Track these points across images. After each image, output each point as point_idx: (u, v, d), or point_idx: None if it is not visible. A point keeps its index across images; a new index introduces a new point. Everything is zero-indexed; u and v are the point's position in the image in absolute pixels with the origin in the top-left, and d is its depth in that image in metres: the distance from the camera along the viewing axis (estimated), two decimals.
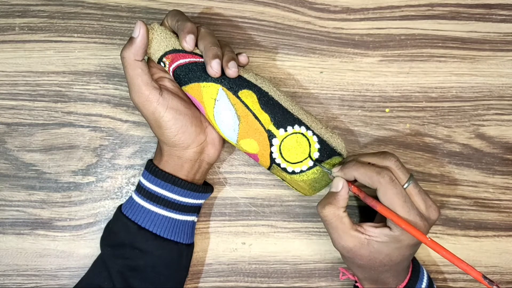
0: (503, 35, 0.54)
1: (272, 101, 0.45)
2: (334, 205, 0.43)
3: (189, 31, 0.43)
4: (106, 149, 0.53)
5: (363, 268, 0.45)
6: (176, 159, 0.46)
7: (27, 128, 0.52)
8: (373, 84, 0.54)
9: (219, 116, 0.45)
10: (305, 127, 0.45)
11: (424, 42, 0.54)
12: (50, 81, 0.52)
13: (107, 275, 0.46)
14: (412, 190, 0.42)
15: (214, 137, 0.48)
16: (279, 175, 0.48)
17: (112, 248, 0.47)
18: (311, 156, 0.46)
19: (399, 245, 0.42)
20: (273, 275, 0.54)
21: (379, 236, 0.42)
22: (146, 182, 0.47)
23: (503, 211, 0.55)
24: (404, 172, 0.42)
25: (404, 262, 0.45)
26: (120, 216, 0.47)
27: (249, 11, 0.53)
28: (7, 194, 0.52)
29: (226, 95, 0.44)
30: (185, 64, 0.44)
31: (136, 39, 0.43)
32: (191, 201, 0.48)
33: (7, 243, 0.52)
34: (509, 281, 0.55)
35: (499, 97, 0.54)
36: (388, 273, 0.45)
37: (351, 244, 0.43)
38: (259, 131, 0.45)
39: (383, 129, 0.54)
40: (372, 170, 0.42)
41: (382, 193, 0.41)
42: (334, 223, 0.43)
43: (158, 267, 0.46)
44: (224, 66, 0.43)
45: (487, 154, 0.55)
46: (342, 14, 0.54)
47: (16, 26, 0.52)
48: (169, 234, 0.47)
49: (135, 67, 0.44)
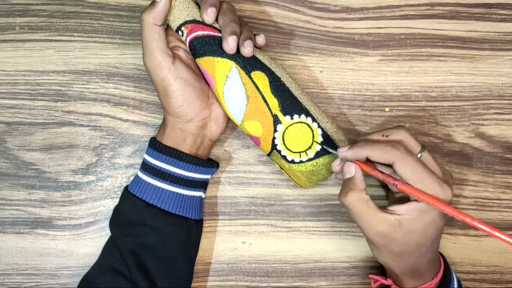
0: (502, 34, 0.54)
1: (283, 87, 0.45)
2: (355, 189, 0.42)
3: (212, 4, 0.44)
4: (106, 148, 0.53)
5: (400, 256, 0.43)
6: (179, 131, 0.47)
7: (27, 127, 0.52)
8: (373, 84, 0.54)
9: (228, 93, 0.45)
10: (311, 118, 0.45)
11: (424, 41, 0.54)
12: (50, 80, 0.52)
13: (118, 256, 0.46)
14: (427, 158, 0.42)
15: (218, 114, 0.48)
16: (278, 163, 0.48)
17: (121, 227, 0.47)
18: (312, 148, 0.46)
19: (431, 216, 0.41)
20: (273, 274, 0.54)
21: (408, 212, 0.41)
22: (150, 159, 0.47)
23: (503, 211, 0.55)
24: (416, 143, 0.42)
25: (437, 239, 0.44)
26: (127, 195, 0.47)
27: (249, 10, 0.53)
28: (7, 193, 0.52)
29: (239, 74, 0.44)
30: (202, 37, 0.44)
31: (159, 4, 0.43)
32: (197, 175, 0.48)
33: (7, 242, 0.52)
34: (509, 280, 0.55)
35: (499, 96, 0.55)
36: (425, 257, 0.43)
37: (384, 228, 0.41)
38: (265, 114, 0.45)
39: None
40: (386, 144, 0.41)
41: (400, 165, 0.40)
42: (361, 209, 0.42)
43: (168, 243, 0.46)
44: (240, 44, 0.43)
45: (487, 154, 0.55)
46: (342, 13, 0.54)
47: (16, 25, 0.52)
48: (177, 210, 0.47)
49: (153, 31, 0.44)
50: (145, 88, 0.53)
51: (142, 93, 0.53)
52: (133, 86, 0.53)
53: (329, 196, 0.54)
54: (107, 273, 0.46)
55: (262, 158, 0.54)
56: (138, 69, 0.53)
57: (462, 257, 0.55)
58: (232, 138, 0.54)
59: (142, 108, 0.53)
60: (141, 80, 0.53)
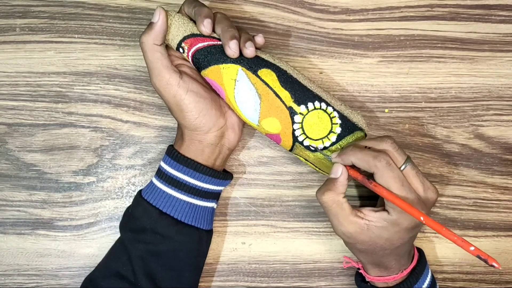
0: (502, 35, 0.55)
1: (291, 79, 0.46)
2: (334, 191, 0.44)
3: (206, 16, 0.44)
4: (107, 150, 0.53)
5: (365, 253, 0.45)
6: (197, 143, 0.47)
7: (28, 128, 0.53)
8: (373, 85, 0.54)
9: (240, 96, 0.45)
10: (325, 103, 0.46)
11: (423, 42, 0.54)
12: (51, 82, 0.53)
13: (126, 260, 0.46)
14: (409, 172, 0.43)
15: (233, 121, 0.49)
16: (302, 155, 0.48)
17: (133, 232, 0.47)
18: (333, 131, 0.46)
19: (398, 228, 0.43)
20: (273, 274, 0.54)
21: (378, 220, 0.43)
22: (167, 167, 0.47)
23: (502, 211, 0.55)
24: (401, 154, 0.43)
25: (404, 246, 0.45)
26: (141, 201, 0.47)
27: (249, 12, 0.53)
28: (8, 194, 0.53)
29: (246, 75, 0.45)
30: (204, 48, 0.45)
31: (156, 24, 0.44)
32: (211, 187, 0.48)
33: (8, 243, 0.53)
34: (508, 280, 0.55)
35: (498, 97, 0.55)
36: (390, 256, 0.45)
37: (351, 230, 0.44)
38: (280, 108, 0.45)
39: (382, 130, 0.54)
40: (369, 154, 0.42)
41: (379, 177, 0.42)
42: (334, 210, 0.44)
43: (178, 252, 0.46)
44: (242, 46, 0.44)
45: (486, 154, 0.55)
46: (341, 15, 0.54)
47: (17, 26, 0.52)
48: (190, 220, 0.47)
49: (155, 51, 0.44)
50: (146, 90, 0.53)
51: (143, 95, 0.53)
52: (133, 87, 0.53)
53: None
54: (112, 277, 0.46)
55: (262, 159, 0.54)
56: (139, 70, 0.53)
57: (461, 257, 0.55)
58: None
59: (142, 110, 0.53)
60: (142, 82, 0.53)
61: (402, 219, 0.42)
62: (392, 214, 0.42)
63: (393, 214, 0.42)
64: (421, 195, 0.43)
